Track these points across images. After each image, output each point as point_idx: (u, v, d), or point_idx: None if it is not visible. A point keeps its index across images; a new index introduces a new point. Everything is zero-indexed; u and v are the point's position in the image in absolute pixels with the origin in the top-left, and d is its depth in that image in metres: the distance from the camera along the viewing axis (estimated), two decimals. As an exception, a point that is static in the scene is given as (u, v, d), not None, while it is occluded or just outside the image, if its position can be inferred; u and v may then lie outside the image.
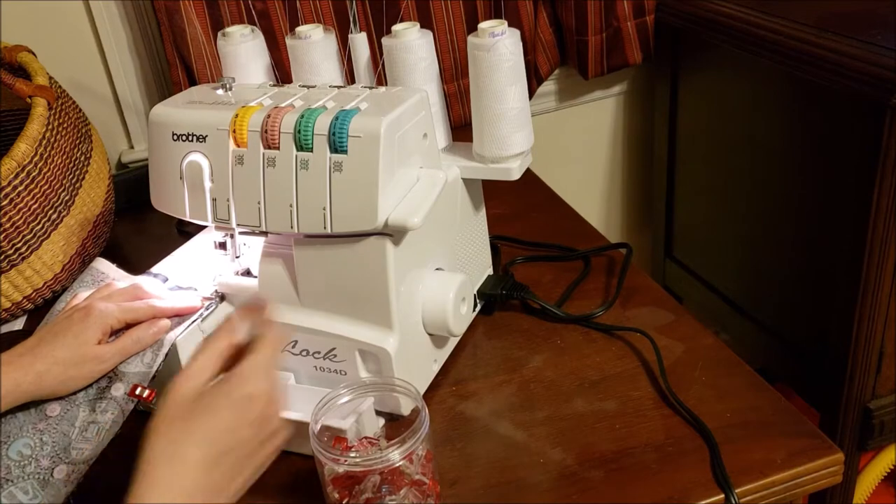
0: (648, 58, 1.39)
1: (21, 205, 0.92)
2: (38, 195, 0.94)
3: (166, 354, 0.75)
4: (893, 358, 1.10)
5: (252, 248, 0.82)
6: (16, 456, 0.69)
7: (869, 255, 1.02)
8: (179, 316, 0.79)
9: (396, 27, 0.82)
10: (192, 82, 1.24)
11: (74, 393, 0.73)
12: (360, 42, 0.86)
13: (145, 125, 1.29)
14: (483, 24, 0.77)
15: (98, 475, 0.70)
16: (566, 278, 0.96)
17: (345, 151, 0.69)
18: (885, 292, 1.04)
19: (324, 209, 0.71)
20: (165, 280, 0.84)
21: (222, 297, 0.82)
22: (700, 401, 0.76)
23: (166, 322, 0.76)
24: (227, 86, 0.79)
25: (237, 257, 0.80)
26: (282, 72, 1.12)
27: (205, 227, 0.85)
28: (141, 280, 0.83)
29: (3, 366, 0.68)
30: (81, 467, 0.69)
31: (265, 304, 0.63)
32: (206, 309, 0.80)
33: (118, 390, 0.72)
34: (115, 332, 0.75)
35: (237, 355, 0.61)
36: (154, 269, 0.85)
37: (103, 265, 0.88)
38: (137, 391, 0.72)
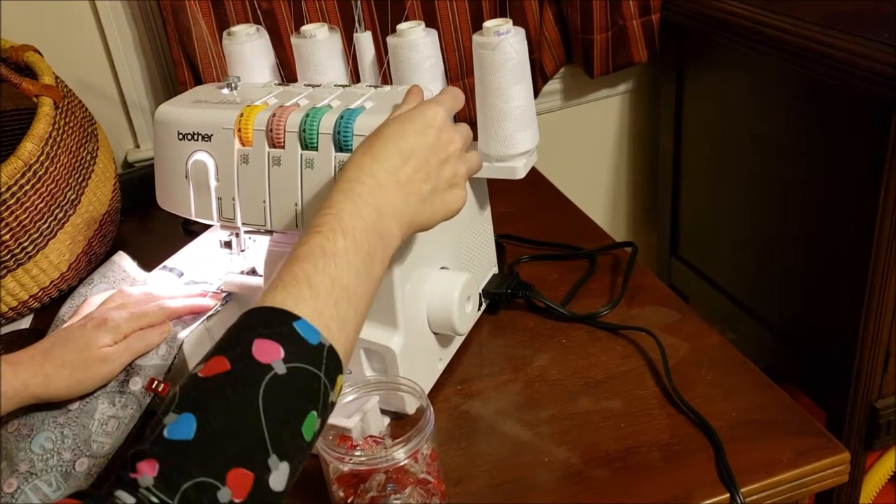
0: (654, 56, 1.39)
1: (28, 204, 0.92)
2: (45, 194, 0.94)
3: (179, 347, 0.75)
4: (900, 357, 1.09)
5: (258, 247, 0.83)
6: (38, 450, 0.70)
7: (875, 253, 1.01)
8: (194, 314, 0.79)
9: (401, 26, 0.82)
10: (198, 81, 1.24)
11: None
12: (364, 41, 0.86)
13: (151, 124, 1.30)
14: (488, 23, 0.77)
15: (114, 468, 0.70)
16: (571, 277, 0.96)
17: (350, 150, 0.69)
18: (891, 291, 1.04)
19: (329, 208, 0.71)
20: (181, 275, 0.84)
21: (228, 296, 0.82)
22: (705, 400, 0.75)
23: (169, 325, 0.77)
24: (233, 85, 0.79)
25: (242, 251, 0.80)
26: (287, 71, 1.12)
27: (210, 226, 0.85)
28: (156, 276, 0.84)
29: (14, 365, 0.69)
30: (101, 461, 0.70)
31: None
32: (220, 305, 0.80)
33: (136, 384, 0.73)
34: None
35: None
36: (169, 264, 0.85)
37: (125, 261, 0.88)
38: (153, 385, 0.73)
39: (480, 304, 0.88)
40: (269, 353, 0.50)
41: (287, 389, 0.50)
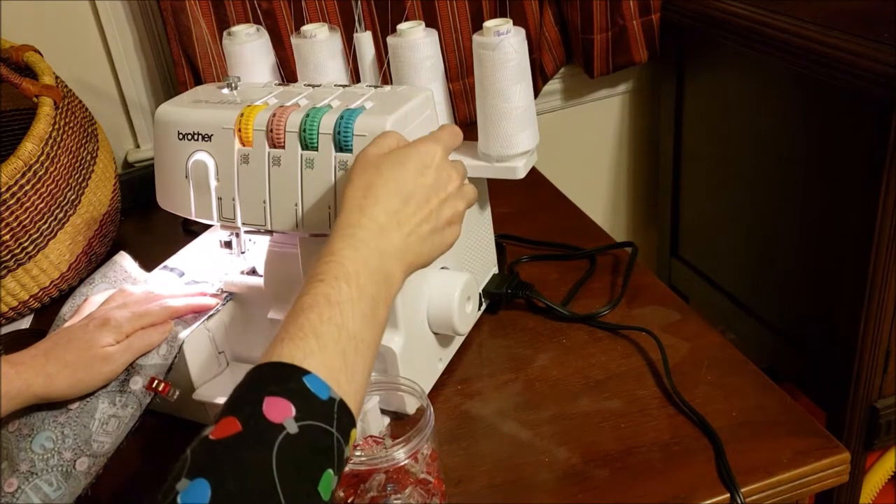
0: (654, 56, 1.39)
1: (28, 204, 0.92)
2: (45, 194, 0.94)
3: (180, 347, 0.75)
4: (900, 357, 1.10)
5: (258, 247, 0.83)
6: (39, 449, 0.70)
7: (876, 253, 1.01)
8: (196, 313, 0.79)
9: (401, 26, 0.82)
10: (198, 81, 1.24)
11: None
12: (365, 41, 0.86)
13: (151, 124, 1.30)
14: (488, 23, 0.77)
15: (114, 467, 0.71)
16: (571, 277, 0.96)
17: (350, 150, 0.69)
18: (891, 291, 1.04)
19: (329, 208, 0.71)
20: (182, 274, 0.84)
21: (230, 296, 0.82)
22: (706, 400, 0.76)
23: (171, 324, 0.77)
24: (233, 85, 0.79)
25: (242, 252, 0.80)
26: (287, 71, 1.12)
27: (210, 226, 0.85)
28: (157, 276, 0.84)
29: (16, 366, 0.69)
30: (101, 460, 0.70)
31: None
32: (221, 305, 0.80)
33: (136, 384, 0.73)
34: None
35: None
36: (169, 264, 0.85)
37: (126, 261, 0.88)
38: (154, 384, 0.73)
39: (480, 304, 0.88)
40: (280, 411, 0.49)
41: (301, 449, 0.48)
